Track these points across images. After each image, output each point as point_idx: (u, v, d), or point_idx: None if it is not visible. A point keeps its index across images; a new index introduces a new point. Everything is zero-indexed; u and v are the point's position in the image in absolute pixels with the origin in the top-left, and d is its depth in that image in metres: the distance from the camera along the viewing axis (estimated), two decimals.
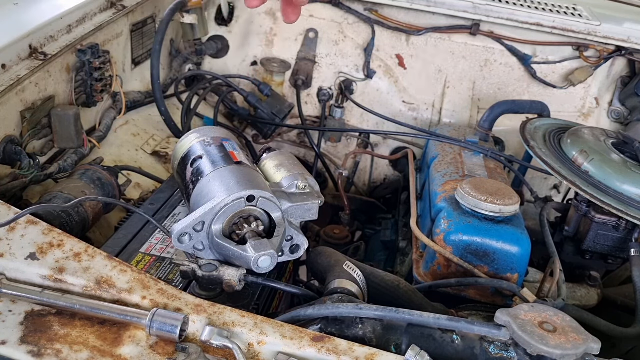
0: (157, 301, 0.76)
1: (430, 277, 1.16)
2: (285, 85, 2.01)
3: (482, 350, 0.81)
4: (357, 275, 0.96)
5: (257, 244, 0.82)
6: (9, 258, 0.78)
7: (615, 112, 1.96)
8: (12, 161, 1.13)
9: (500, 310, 0.79)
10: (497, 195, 1.12)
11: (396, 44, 1.96)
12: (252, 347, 0.73)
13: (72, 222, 1.06)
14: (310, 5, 1.95)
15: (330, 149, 2.05)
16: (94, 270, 0.78)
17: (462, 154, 1.44)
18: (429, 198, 1.31)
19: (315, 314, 0.82)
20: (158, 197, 1.13)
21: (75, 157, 1.29)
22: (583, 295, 1.24)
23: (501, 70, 1.94)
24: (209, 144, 0.99)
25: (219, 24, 1.99)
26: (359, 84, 1.99)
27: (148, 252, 0.97)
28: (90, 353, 0.69)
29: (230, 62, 2.02)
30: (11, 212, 0.84)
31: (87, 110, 1.42)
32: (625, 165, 1.23)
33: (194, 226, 0.83)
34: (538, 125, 1.47)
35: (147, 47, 1.67)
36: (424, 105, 2.00)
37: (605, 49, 1.85)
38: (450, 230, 1.12)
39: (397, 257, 1.44)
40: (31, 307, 0.74)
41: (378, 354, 0.72)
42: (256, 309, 0.87)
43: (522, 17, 1.81)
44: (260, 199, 0.85)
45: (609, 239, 1.27)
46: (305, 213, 0.94)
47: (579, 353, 0.74)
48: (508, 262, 1.10)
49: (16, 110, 1.15)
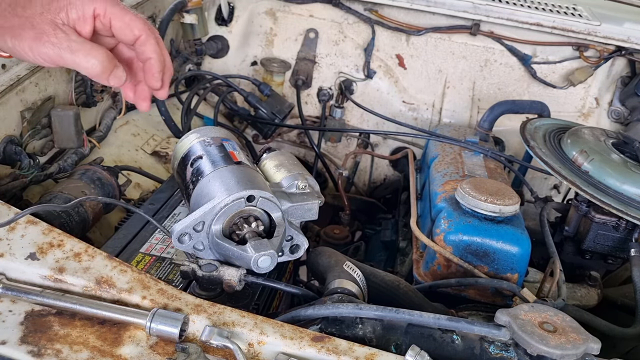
0: (157, 301, 0.76)
1: (430, 277, 1.16)
2: (285, 85, 2.01)
3: (482, 350, 0.81)
4: (357, 275, 0.96)
5: (257, 244, 0.82)
6: (9, 258, 0.78)
7: (615, 112, 1.96)
8: (12, 161, 1.13)
9: (500, 310, 0.79)
10: (497, 195, 1.12)
11: (396, 44, 1.96)
12: (252, 347, 0.73)
13: (72, 222, 1.06)
14: (310, 5, 1.95)
15: (330, 149, 2.05)
16: (94, 270, 0.78)
17: (462, 154, 1.44)
18: (429, 198, 1.31)
19: (315, 314, 0.82)
20: (158, 197, 1.13)
21: (75, 157, 1.29)
22: (583, 295, 1.24)
23: (501, 70, 1.94)
24: (209, 144, 0.99)
25: (219, 24, 1.99)
26: (359, 84, 1.99)
27: (148, 252, 0.97)
28: (90, 353, 0.69)
29: (230, 62, 2.02)
30: (11, 212, 0.84)
31: (87, 110, 1.42)
32: (625, 165, 1.23)
33: (194, 226, 0.83)
34: (538, 125, 1.47)
35: None
36: (424, 105, 2.00)
37: (605, 49, 1.85)
38: (450, 230, 1.12)
39: (397, 257, 1.44)
40: (31, 307, 0.74)
41: (378, 354, 0.72)
42: (256, 309, 0.87)
43: (522, 17, 1.81)
44: (260, 199, 0.85)
45: (609, 239, 1.27)
46: (305, 213, 0.94)
47: (579, 353, 0.74)
48: (508, 262, 1.10)
49: (16, 110, 1.15)
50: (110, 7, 0.79)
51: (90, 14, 0.78)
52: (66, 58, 0.76)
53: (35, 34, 0.75)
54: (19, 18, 0.75)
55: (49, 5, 0.76)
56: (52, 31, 0.75)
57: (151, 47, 0.82)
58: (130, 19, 0.80)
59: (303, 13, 1.97)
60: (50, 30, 0.75)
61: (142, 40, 0.81)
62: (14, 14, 0.75)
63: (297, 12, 1.97)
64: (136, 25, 0.80)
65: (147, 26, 0.81)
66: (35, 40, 0.75)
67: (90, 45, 0.77)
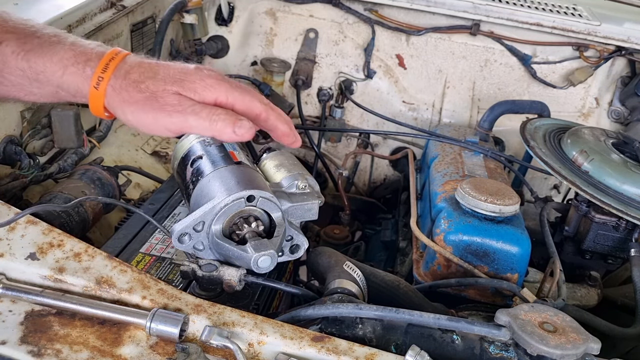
0: (157, 301, 0.76)
1: (430, 277, 1.16)
2: (285, 85, 2.01)
3: (482, 350, 0.81)
4: (357, 275, 0.96)
5: (257, 244, 0.82)
6: (9, 258, 0.78)
7: (615, 112, 1.96)
8: (12, 161, 1.13)
9: (500, 310, 0.79)
10: (497, 195, 1.12)
11: (396, 44, 1.96)
12: (252, 347, 0.73)
13: (72, 222, 1.06)
14: (310, 5, 1.95)
15: (330, 149, 2.05)
16: (94, 270, 0.78)
17: (462, 154, 1.44)
18: (429, 198, 1.31)
19: (315, 314, 0.82)
20: (158, 197, 1.13)
21: (75, 157, 1.29)
22: (583, 295, 1.24)
23: (501, 70, 1.94)
24: (209, 143, 0.99)
25: (219, 24, 1.99)
26: (359, 84, 1.99)
27: (148, 252, 0.97)
28: (90, 353, 0.69)
29: (230, 62, 2.02)
30: (11, 212, 0.84)
31: (87, 110, 1.40)
32: (625, 165, 1.23)
33: (194, 226, 0.83)
34: (538, 125, 1.47)
35: (147, 47, 1.67)
36: (424, 105, 2.00)
37: (605, 49, 1.85)
38: (450, 230, 1.12)
39: (397, 257, 1.44)
40: (31, 307, 0.74)
41: (378, 354, 0.72)
42: (256, 309, 0.87)
43: (522, 17, 1.81)
44: (260, 199, 0.85)
45: (609, 239, 1.27)
46: (305, 213, 0.94)
47: (579, 353, 0.74)
48: (508, 262, 1.10)
49: (16, 110, 1.15)
50: (231, 93, 0.81)
51: (212, 101, 0.80)
52: (191, 121, 0.78)
53: (160, 105, 0.77)
54: (142, 93, 0.77)
55: (173, 85, 0.78)
56: (176, 101, 0.77)
57: (274, 118, 0.86)
58: (250, 99, 0.83)
59: (303, 13, 1.97)
60: (174, 101, 0.77)
61: (264, 117, 0.85)
62: (138, 90, 0.77)
63: (297, 12, 1.97)
64: (255, 106, 0.84)
65: (263, 103, 0.85)
66: (160, 111, 0.77)
67: (212, 107, 0.79)
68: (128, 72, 0.78)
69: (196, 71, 0.81)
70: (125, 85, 0.77)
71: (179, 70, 0.80)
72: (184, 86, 0.79)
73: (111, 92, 0.77)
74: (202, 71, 0.82)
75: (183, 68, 0.81)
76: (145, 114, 0.78)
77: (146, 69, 0.78)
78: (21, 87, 0.81)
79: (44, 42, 0.78)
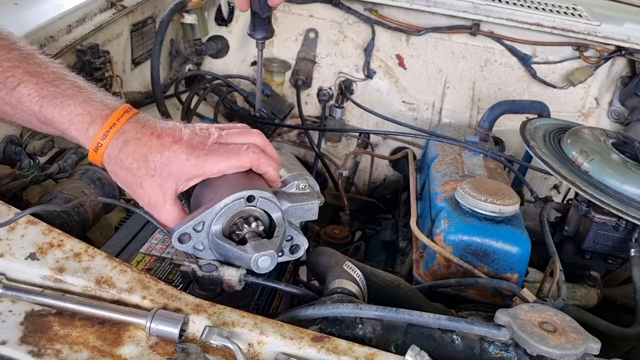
0: (157, 301, 0.76)
1: (430, 277, 1.16)
2: (285, 85, 2.01)
3: (482, 350, 0.81)
4: (357, 275, 0.96)
5: (257, 244, 0.82)
6: (9, 258, 0.78)
7: (615, 112, 1.96)
8: (12, 161, 1.13)
9: (500, 310, 0.79)
10: (497, 195, 1.12)
11: (396, 44, 1.96)
12: (252, 347, 0.73)
13: (72, 222, 1.06)
14: (310, 5, 1.95)
15: (330, 149, 2.05)
16: (94, 270, 0.78)
17: (462, 154, 1.44)
18: (429, 198, 1.31)
19: (315, 314, 0.82)
20: None
21: (75, 157, 1.29)
22: (583, 295, 1.24)
23: (501, 70, 1.94)
24: None
25: (219, 24, 1.99)
26: (359, 84, 1.99)
27: (148, 252, 0.97)
28: (90, 353, 0.69)
29: (230, 62, 2.02)
30: (11, 212, 0.84)
31: None
32: (625, 165, 1.23)
33: (194, 226, 0.83)
34: (538, 125, 1.47)
35: (147, 47, 1.67)
36: (424, 105, 2.00)
37: (605, 49, 1.85)
38: (450, 230, 1.12)
39: (397, 257, 1.44)
40: (31, 307, 0.74)
41: (378, 354, 0.72)
42: (256, 309, 0.87)
43: (522, 17, 1.81)
44: (260, 199, 0.85)
45: (609, 239, 1.27)
46: (305, 213, 0.94)
47: (578, 353, 0.74)
48: (508, 262, 1.10)
49: None
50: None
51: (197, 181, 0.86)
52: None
53: (139, 184, 0.83)
54: (128, 172, 0.83)
55: (157, 170, 0.82)
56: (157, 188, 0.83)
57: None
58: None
59: (303, 13, 1.97)
60: (155, 186, 0.83)
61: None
62: (127, 169, 0.83)
63: (297, 12, 1.97)
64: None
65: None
66: (139, 187, 0.83)
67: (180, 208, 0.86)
68: (126, 143, 0.82)
69: (187, 152, 0.83)
70: (119, 159, 0.82)
71: (167, 156, 0.82)
72: (165, 178, 0.83)
73: (107, 158, 0.83)
74: (193, 150, 0.83)
75: (177, 150, 0.83)
76: (125, 186, 0.86)
77: (141, 145, 0.82)
78: (31, 123, 0.88)
79: (59, 94, 0.83)
